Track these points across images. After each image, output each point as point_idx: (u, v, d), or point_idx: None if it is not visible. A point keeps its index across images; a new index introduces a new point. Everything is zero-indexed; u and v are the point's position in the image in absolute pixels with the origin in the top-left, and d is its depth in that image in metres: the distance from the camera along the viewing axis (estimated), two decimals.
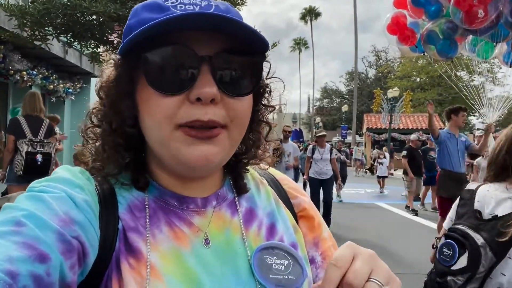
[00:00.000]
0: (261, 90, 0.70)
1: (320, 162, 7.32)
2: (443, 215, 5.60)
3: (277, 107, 0.77)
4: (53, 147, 4.94)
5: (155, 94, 0.57)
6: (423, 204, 9.89)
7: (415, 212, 9.18)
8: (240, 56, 0.60)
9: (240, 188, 0.72)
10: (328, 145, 7.62)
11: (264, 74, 0.69)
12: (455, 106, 5.60)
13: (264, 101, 0.72)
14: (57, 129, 7.06)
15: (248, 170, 0.75)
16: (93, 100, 0.68)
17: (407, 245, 6.41)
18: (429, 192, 9.67)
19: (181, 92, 0.56)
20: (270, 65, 0.71)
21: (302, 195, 0.80)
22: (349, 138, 34.08)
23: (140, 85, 0.60)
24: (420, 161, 9.51)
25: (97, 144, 0.65)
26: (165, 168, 0.65)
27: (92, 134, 0.67)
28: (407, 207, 9.64)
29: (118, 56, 0.63)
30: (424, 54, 4.83)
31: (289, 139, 7.87)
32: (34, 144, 4.78)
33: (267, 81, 0.72)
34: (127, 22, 0.63)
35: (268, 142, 0.77)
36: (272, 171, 0.83)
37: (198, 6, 0.59)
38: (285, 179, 0.82)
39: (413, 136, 10.23)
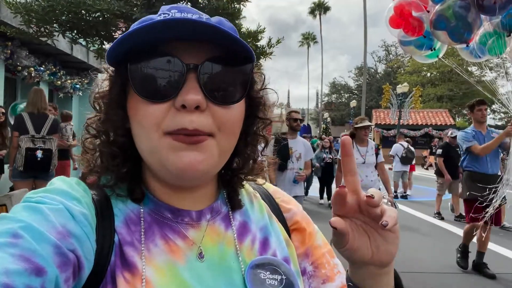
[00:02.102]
0: (255, 102, 0.69)
1: (361, 168, 4.74)
2: (469, 221, 4.80)
3: (284, 102, 0.74)
4: (55, 144, 4.99)
5: (143, 102, 0.58)
6: (457, 214, 8.35)
7: (440, 216, 8.40)
8: (228, 65, 0.60)
9: (234, 204, 0.72)
10: (372, 142, 5.01)
11: (260, 86, 0.69)
12: (470, 102, 5.07)
13: (260, 114, 0.71)
14: (71, 126, 7.13)
15: (243, 185, 0.75)
16: None
17: (409, 242, 6.36)
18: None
19: (168, 100, 0.57)
20: (264, 77, 0.70)
21: (294, 206, 0.80)
22: None
23: (130, 95, 0.61)
24: (457, 161, 7.42)
25: (96, 154, 0.66)
26: (158, 178, 0.65)
27: (91, 145, 0.67)
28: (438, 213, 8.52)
29: (111, 68, 0.64)
30: (432, 50, 4.52)
31: (299, 133, 5.16)
32: (36, 140, 4.84)
33: (267, 93, 0.71)
34: None
35: (265, 157, 0.76)
36: (265, 184, 0.83)
37: None
38: (278, 192, 0.82)
39: (450, 133, 8.66)
